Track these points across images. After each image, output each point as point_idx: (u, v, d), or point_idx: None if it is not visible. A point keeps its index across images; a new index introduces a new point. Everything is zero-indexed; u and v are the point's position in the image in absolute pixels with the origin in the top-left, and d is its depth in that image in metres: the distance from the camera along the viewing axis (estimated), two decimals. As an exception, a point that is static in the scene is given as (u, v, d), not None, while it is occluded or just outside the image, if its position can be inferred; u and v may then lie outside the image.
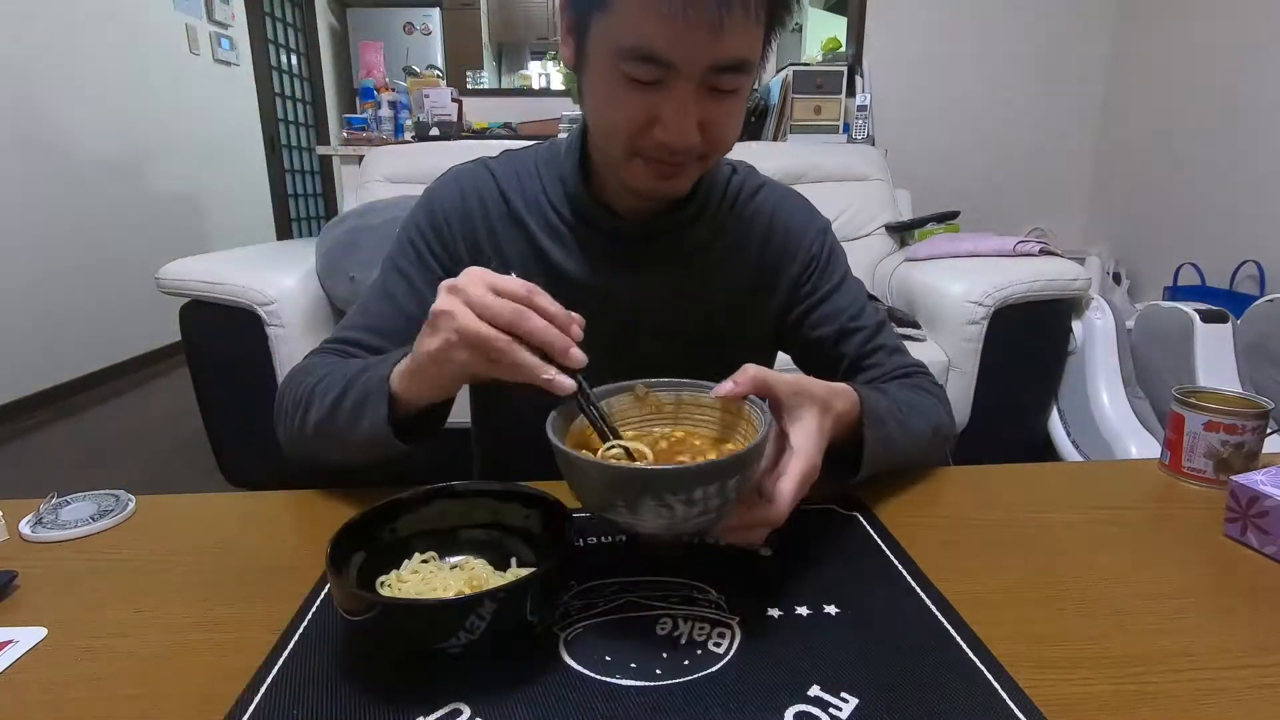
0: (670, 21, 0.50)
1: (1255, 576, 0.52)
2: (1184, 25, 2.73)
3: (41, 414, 2.76)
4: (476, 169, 0.74)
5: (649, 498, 0.41)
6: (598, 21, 0.54)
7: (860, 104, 2.89)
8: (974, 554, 0.55)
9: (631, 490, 0.41)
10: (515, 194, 0.71)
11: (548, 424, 0.46)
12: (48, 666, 0.43)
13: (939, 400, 0.71)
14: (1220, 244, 2.49)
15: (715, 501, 0.42)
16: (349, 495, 0.64)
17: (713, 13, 0.50)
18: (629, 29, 0.52)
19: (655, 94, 0.55)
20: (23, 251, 2.75)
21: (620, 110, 0.57)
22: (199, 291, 1.69)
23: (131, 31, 3.38)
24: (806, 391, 0.51)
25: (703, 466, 0.41)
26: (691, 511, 0.41)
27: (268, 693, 0.40)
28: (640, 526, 0.43)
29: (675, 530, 0.44)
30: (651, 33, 0.51)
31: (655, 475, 0.42)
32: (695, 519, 0.42)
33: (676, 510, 0.41)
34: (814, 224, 0.76)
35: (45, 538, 0.58)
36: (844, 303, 0.74)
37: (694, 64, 0.53)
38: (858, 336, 0.73)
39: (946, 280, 1.87)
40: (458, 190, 0.72)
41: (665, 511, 0.41)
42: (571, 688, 0.40)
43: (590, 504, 0.45)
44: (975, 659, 0.42)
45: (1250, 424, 0.65)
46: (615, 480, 0.42)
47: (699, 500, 0.41)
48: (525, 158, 0.74)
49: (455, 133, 2.84)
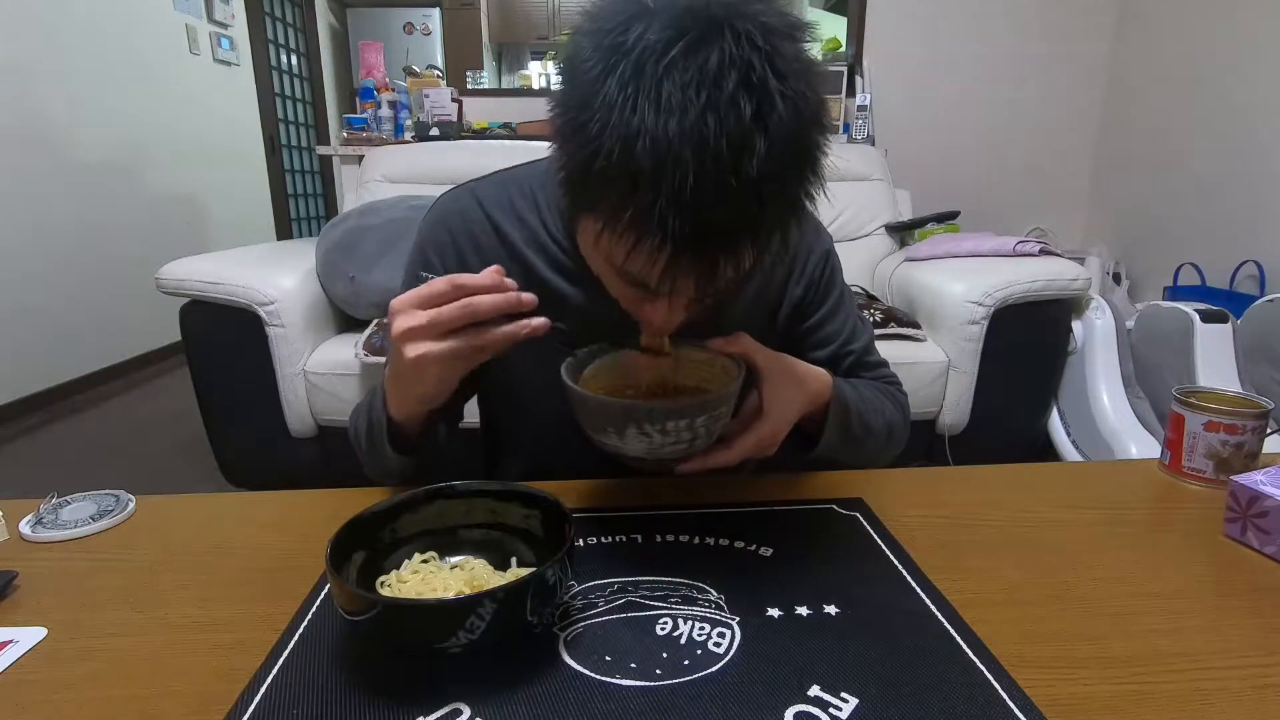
0: (661, 264, 0.47)
1: (1255, 576, 0.52)
2: (1184, 26, 2.73)
3: (41, 414, 2.76)
4: (464, 203, 0.70)
5: (632, 426, 0.51)
6: (588, 218, 0.51)
7: (860, 104, 2.89)
8: (974, 554, 0.55)
9: (618, 419, 0.51)
10: (511, 226, 0.68)
11: (562, 368, 0.55)
12: (48, 666, 0.43)
13: (900, 409, 0.77)
14: (1220, 244, 2.49)
15: (686, 435, 0.52)
16: (349, 495, 0.64)
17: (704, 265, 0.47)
18: (619, 252, 0.48)
19: (646, 294, 0.53)
20: (23, 251, 2.74)
21: (610, 285, 0.56)
22: (199, 291, 1.69)
23: (131, 31, 3.38)
24: (787, 367, 0.61)
25: (675, 404, 0.52)
26: (666, 440, 0.52)
27: (268, 693, 0.40)
28: (625, 449, 0.53)
29: (654, 454, 0.53)
30: (642, 269, 0.48)
31: (636, 408, 0.51)
32: (670, 446, 0.52)
33: (654, 438, 0.51)
34: (820, 245, 0.76)
35: (45, 538, 0.58)
36: (840, 326, 0.77)
37: (685, 294, 0.51)
38: (850, 359, 0.77)
39: (946, 280, 1.87)
40: (446, 234, 0.69)
41: (644, 439, 0.51)
42: (571, 688, 0.40)
43: (587, 428, 0.55)
44: (975, 659, 0.42)
45: (1250, 424, 0.65)
46: (606, 410, 0.52)
47: (671, 431, 0.51)
48: (521, 180, 0.70)
49: (455, 133, 2.84)
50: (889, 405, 0.74)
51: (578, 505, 0.61)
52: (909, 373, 1.78)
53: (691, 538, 0.56)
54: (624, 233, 0.46)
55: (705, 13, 0.43)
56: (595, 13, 0.46)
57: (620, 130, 0.42)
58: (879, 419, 0.71)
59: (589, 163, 0.45)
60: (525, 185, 0.70)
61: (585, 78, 0.44)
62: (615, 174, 0.43)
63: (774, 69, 0.43)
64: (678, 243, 0.44)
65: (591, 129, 0.43)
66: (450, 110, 2.86)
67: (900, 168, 2.69)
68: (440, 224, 0.70)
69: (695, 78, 0.42)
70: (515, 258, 0.68)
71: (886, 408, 0.73)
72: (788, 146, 0.44)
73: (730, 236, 0.46)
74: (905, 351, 1.80)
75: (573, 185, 0.49)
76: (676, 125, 0.41)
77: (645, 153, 0.42)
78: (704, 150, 0.42)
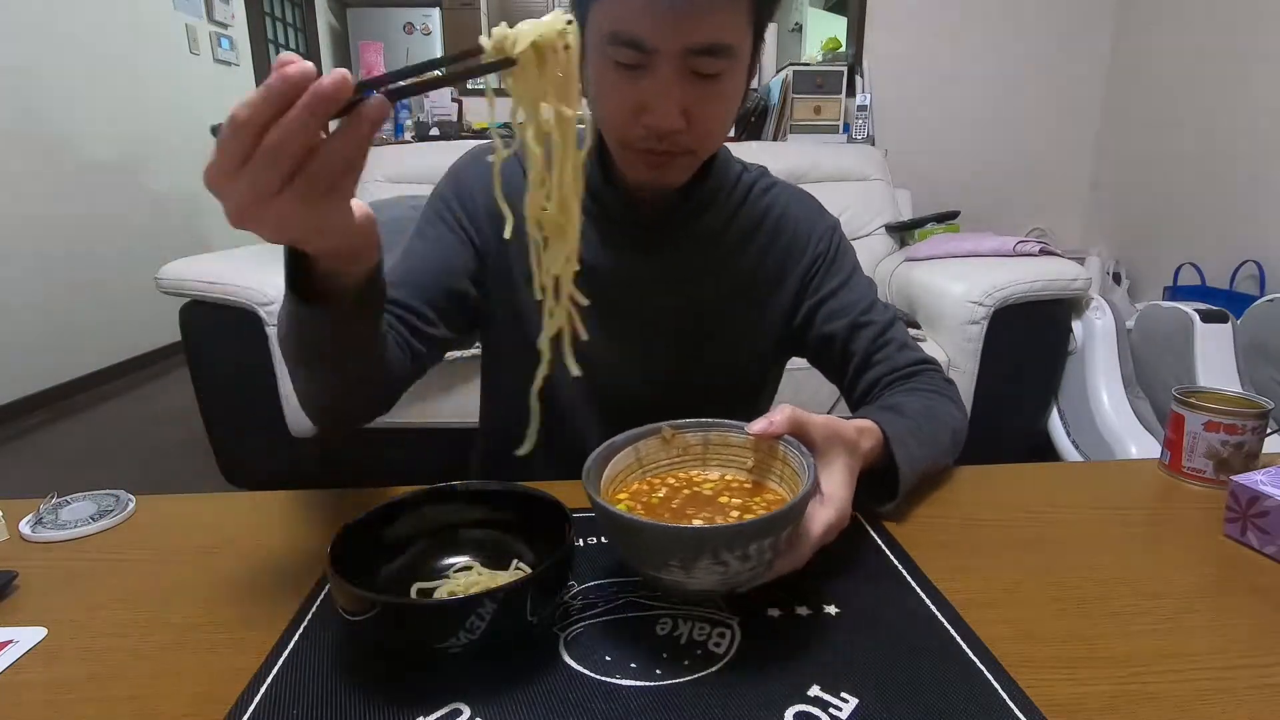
0: (649, 5, 0.54)
1: (1255, 576, 0.52)
2: (1184, 25, 2.73)
3: (41, 414, 2.76)
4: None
5: (706, 556, 0.40)
6: (593, 10, 0.57)
7: (860, 104, 2.89)
8: (974, 554, 0.55)
9: (689, 549, 0.40)
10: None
11: (584, 476, 0.45)
12: (48, 666, 0.43)
13: (951, 400, 0.71)
14: (1220, 244, 2.49)
15: (768, 555, 0.42)
16: (349, 495, 0.64)
17: (689, 7, 0.52)
18: (613, 15, 0.55)
19: (640, 79, 0.57)
20: (23, 251, 2.74)
21: (610, 97, 0.59)
22: (199, 291, 1.69)
23: (131, 31, 3.38)
24: (838, 435, 0.50)
25: (759, 522, 0.40)
26: (745, 566, 0.41)
27: (268, 693, 0.40)
28: (691, 585, 0.42)
29: (728, 585, 0.43)
30: (631, 17, 0.54)
31: (713, 533, 0.40)
32: (748, 572, 0.42)
33: (731, 566, 0.41)
34: (823, 221, 0.77)
35: (45, 538, 0.58)
36: (854, 298, 0.74)
37: (672, 46, 0.55)
38: (868, 331, 0.73)
39: (946, 280, 1.87)
40: (486, 166, 0.73)
41: (719, 569, 0.41)
42: (571, 688, 0.40)
43: (639, 564, 0.44)
44: (975, 659, 0.42)
45: (1250, 424, 0.65)
46: (673, 540, 0.41)
47: (753, 555, 0.41)
48: None
49: (455, 133, 2.85)
50: (940, 405, 0.68)
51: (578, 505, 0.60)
52: (909, 373, 1.79)
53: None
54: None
55: None
56: None
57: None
58: (941, 428, 0.65)
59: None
60: None
61: None
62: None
63: None
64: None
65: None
66: (450, 110, 2.87)
67: (900, 168, 2.69)
68: (477, 159, 0.75)
69: None
70: None
71: (940, 409, 0.67)
72: None
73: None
74: (905, 351, 1.80)
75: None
76: None
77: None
78: None
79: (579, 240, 0.47)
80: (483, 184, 0.73)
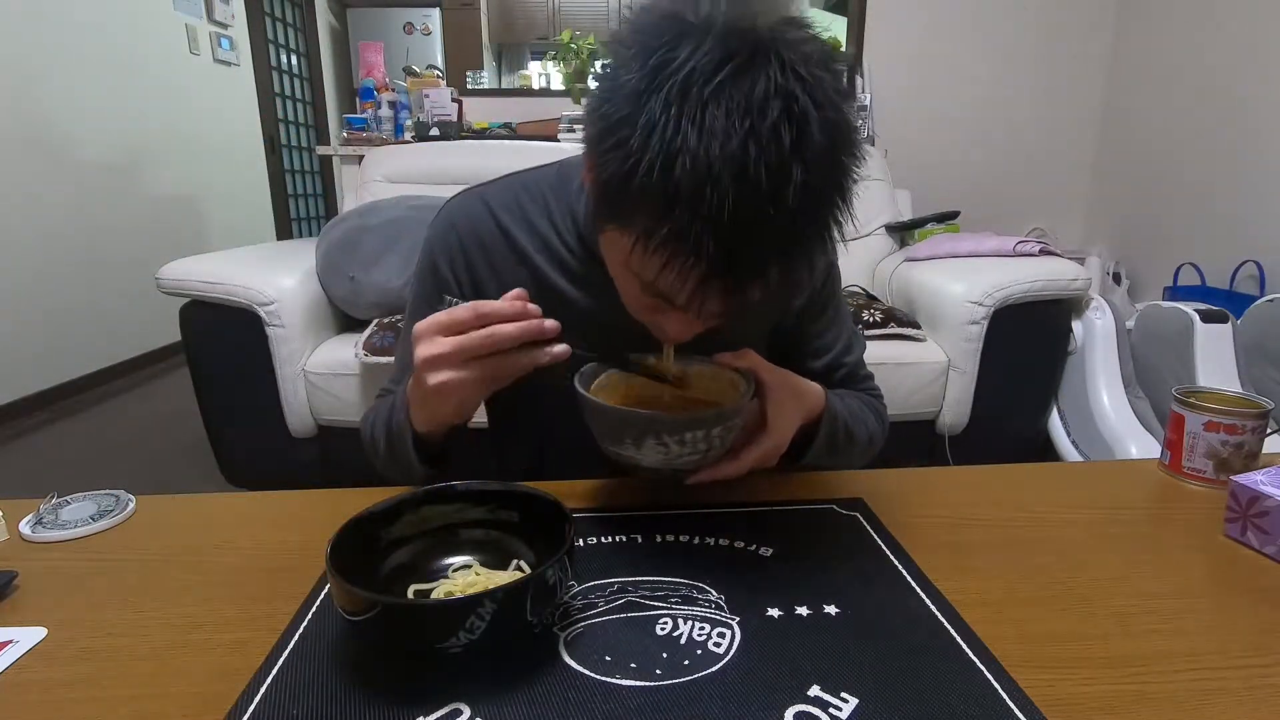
0: (684, 292, 0.48)
1: (1255, 576, 0.52)
2: (1184, 25, 2.73)
3: (41, 414, 2.76)
4: (472, 207, 0.71)
5: (650, 437, 0.52)
6: (613, 228, 0.51)
7: (860, 104, 2.89)
8: (974, 554, 0.55)
9: (638, 430, 0.52)
10: (520, 231, 0.69)
11: (576, 377, 0.55)
12: (48, 666, 0.43)
13: (881, 421, 0.80)
14: (1220, 244, 2.49)
15: (701, 445, 0.53)
16: (349, 495, 0.64)
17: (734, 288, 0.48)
18: (641, 264, 0.49)
19: (667, 309, 0.54)
20: (23, 251, 2.74)
21: (628, 294, 0.57)
22: (199, 291, 1.69)
23: (131, 32, 3.38)
24: (789, 383, 0.62)
25: (694, 416, 0.52)
26: (683, 450, 0.52)
27: (268, 693, 0.40)
28: (641, 460, 0.54)
29: (669, 465, 0.54)
30: (666, 285, 0.49)
31: (658, 419, 0.52)
32: (685, 457, 0.53)
33: (671, 449, 0.52)
34: (823, 259, 0.77)
35: (45, 538, 0.58)
36: (836, 336, 0.78)
37: (710, 312, 0.51)
38: (843, 371, 0.79)
39: (946, 280, 1.87)
40: (455, 239, 0.70)
41: (661, 450, 0.52)
42: (571, 688, 0.40)
43: (604, 440, 0.55)
44: (975, 659, 0.42)
45: (1250, 424, 0.65)
46: (627, 421, 0.52)
47: (689, 442, 0.52)
48: (531, 185, 0.71)
49: (455, 133, 2.84)
50: (872, 417, 0.77)
51: (578, 505, 0.61)
52: (909, 373, 1.79)
53: (691, 538, 0.56)
54: (657, 249, 0.46)
55: (751, 35, 0.44)
56: (638, 25, 0.47)
57: (662, 149, 0.43)
58: (863, 430, 0.74)
59: (628, 177, 0.45)
60: (536, 190, 0.70)
61: (627, 92, 0.45)
62: (653, 191, 0.44)
63: (814, 99, 0.44)
64: (711, 264, 0.45)
65: (632, 144, 0.44)
66: (450, 110, 2.86)
67: (900, 168, 2.69)
68: (449, 229, 0.71)
69: (741, 104, 0.42)
70: (524, 263, 0.69)
71: (870, 419, 0.76)
72: (823, 175, 0.45)
73: (763, 262, 0.47)
74: (905, 351, 1.80)
75: (607, 196, 0.49)
76: (719, 150, 0.42)
77: (685, 173, 0.43)
78: (744, 176, 0.42)
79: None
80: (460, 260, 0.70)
